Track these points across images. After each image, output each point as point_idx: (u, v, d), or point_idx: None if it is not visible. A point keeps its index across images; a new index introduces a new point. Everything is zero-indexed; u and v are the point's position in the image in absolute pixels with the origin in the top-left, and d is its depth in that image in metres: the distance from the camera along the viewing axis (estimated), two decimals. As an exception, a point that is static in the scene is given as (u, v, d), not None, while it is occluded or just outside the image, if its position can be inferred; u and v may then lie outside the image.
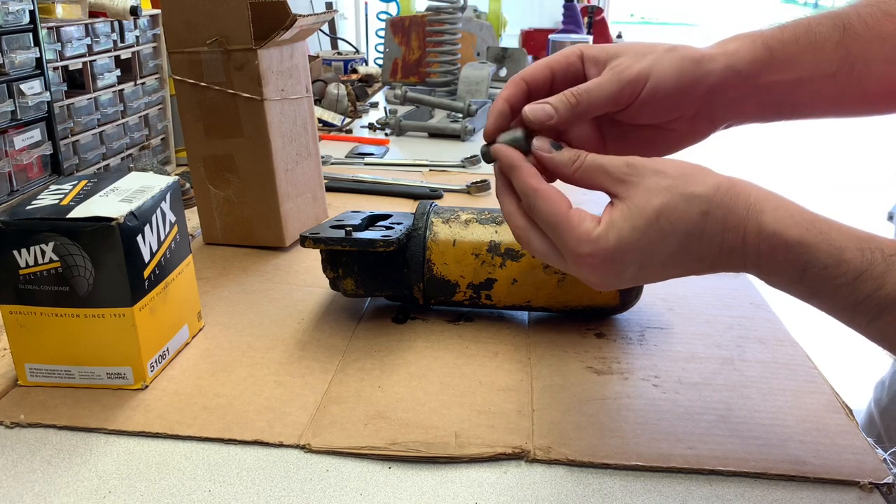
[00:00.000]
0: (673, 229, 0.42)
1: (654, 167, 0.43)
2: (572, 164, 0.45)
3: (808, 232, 0.40)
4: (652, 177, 0.42)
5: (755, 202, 0.41)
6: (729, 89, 0.48)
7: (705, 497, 0.46)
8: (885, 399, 0.81)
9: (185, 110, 0.79)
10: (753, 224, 0.41)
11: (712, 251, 0.42)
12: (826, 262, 0.40)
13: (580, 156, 0.45)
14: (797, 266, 0.40)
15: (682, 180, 0.42)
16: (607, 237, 0.42)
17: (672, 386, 0.57)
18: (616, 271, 0.44)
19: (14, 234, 0.51)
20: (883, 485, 0.47)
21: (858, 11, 0.49)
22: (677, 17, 15.42)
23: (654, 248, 0.42)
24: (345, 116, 1.52)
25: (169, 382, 0.57)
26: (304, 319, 0.67)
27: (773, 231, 0.41)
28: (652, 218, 0.42)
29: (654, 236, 0.42)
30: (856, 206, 4.04)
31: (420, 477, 0.48)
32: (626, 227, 0.42)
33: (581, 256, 0.43)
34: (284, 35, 0.76)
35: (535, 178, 0.46)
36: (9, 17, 0.89)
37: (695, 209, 0.41)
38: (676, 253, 0.42)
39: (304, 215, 0.86)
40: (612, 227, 0.42)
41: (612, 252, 0.42)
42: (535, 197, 0.45)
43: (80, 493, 0.46)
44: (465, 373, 0.59)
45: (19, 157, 0.92)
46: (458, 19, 1.69)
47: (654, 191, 0.42)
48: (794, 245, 0.40)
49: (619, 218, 0.43)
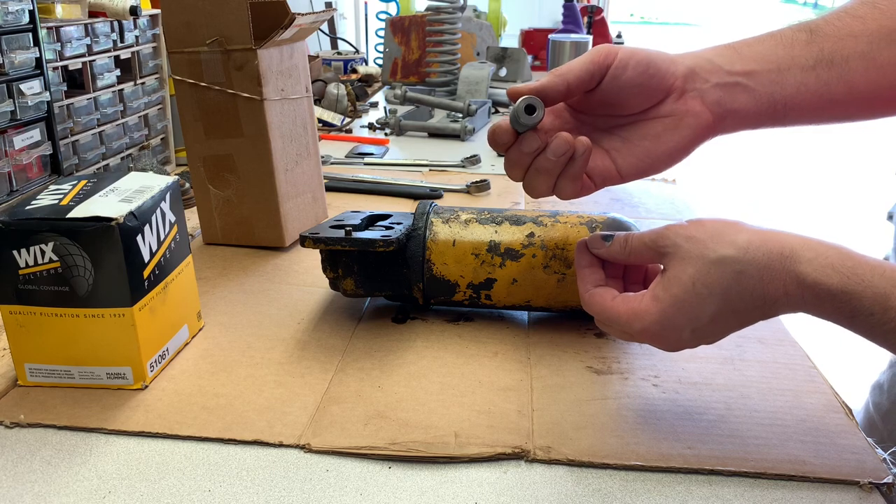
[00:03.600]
0: (709, 293, 0.44)
1: (686, 233, 0.46)
2: (624, 250, 0.51)
3: (849, 280, 0.41)
4: (684, 245, 0.46)
5: (790, 253, 0.43)
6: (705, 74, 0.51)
7: (705, 497, 0.46)
8: (885, 403, 0.80)
9: (184, 110, 0.79)
10: (792, 276, 0.42)
11: (757, 302, 0.44)
12: (872, 309, 0.40)
13: (628, 242, 0.51)
14: (844, 313, 0.42)
15: (711, 243, 0.45)
16: (652, 311, 0.46)
17: (672, 386, 0.57)
18: (673, 338, 0.47)
19: (14, 234, 0.51)
20: (883, 485, 0.47)
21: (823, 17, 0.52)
22: (677, 17, 15.42)
23: (697, 312, 0.45)
24: (345, 116, 1.52)
25: (169, 382, 0.57)
26: (303, 319, 0.68)
27: (815, 281, 0.42)
28: (688, 286, 0.45)
29: (693, 301, 0.45)
30: (856, 206, 4.04)
31: (420, 477, 0.48)
32: (667, 297, 0.46)
33: (636, 333, 0.48)
34: (284, 34, 0.76)
35: (587, 283, 0.52)
36: (8, 17, 0.89)
37: (728, 271, 0.44)
38: (720, 312, 0.45)
39: (304, 215, 0.86)
40: (654, 300, 0.46)
41: (661, 323, 0.46)
42: (585, 304, 0.52)
43: (80, 493, 0.46)
44: (464, 373, 0.59)
45: (19, 157, 0.92)
46: (457, 19, 1.69)
47: (686, 260, 0.45)
48: (838, 294, 0.41)
49: (660, 291, 0.46)
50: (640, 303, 0.47)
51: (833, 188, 4.40)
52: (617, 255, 0.51)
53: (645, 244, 0.49)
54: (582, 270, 0.53)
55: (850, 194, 4.26)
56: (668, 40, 11.69)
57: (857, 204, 4.07)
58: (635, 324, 0.47)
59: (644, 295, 0.48)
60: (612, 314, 0.49)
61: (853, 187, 4.40)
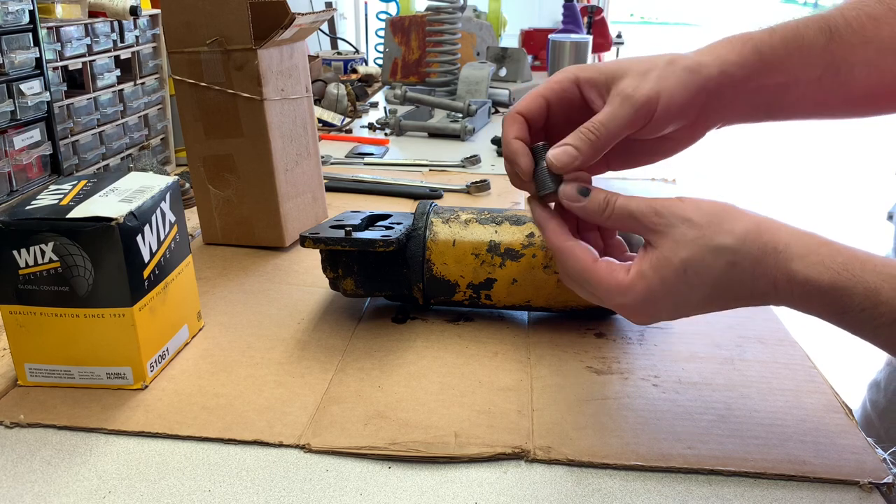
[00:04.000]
0: (700, 281, 0.43)
1: (683, 214, 0.44)
2: (602, 213, 0.47)
3: (839, 276, 0.41)
4: (680, 226, 0.44)
5: (783, 248, 0.42)
6: (723, 93, 0.48)
7: (705, 497, 0.46)
8: (882, 401, 0.81)
9: (184, 110, 0.79)
10: (783, 272, 0.42)
11: (744, 293, 0.44)
12: (863, 304, 0.40)
13: (609, 203, 0.47)
14: (835, 309, 0.41)
15: (709, 229, 0.43)
16: (637, 288, 0.45)
17: (672, 386, 0.57)
18: (650, 314, 0.46)
19: (14, 234, 0.51)
20: (883, 484, 0.47)
21: (844, 14, 0.50)
22: (677, 17, 15.42)
23: (684, 297, 0.44)
24: (344, 116, 1.52)
25: (169, 382, 0.57)
26: (303, 319, 0.68)
27: (805, 278, 0.41)
28: (680, 270, 0.43)
29: (682, 287, 0.44)
30: (856, 206, 4.04)
31: (420, 477, 0.48)
32: (655, 278, 0.44)
33: (614, 305, 0.47)
34: (283, 34, 0.76)
35: (560, 235, 0.48)
36: (9, 17, 0.89)
37: (721, 260, 0.43)
38: (707, 298, 0.44)
39: (304, 215, 0.86)
40: (641, 277, 0.45)
41: (643, 301, 0.45)
42: (560, 255, 0.48)
43: (80, 493, 0.46)
44: (464, 373, 0.59)
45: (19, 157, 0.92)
46: (457, 19, 1.70)
47: (681, 243, 0.44)
48: (828, 290, 0.41)
49: (647, 269, 0.44)
50: (625, 276, 0.45)
51: (833, 188, 4.40)
52: (592, 215, 0.47)
53: (631, 214, 0.46)
54: (550, 224, 0.49)
55: (850, 194, 4.26)
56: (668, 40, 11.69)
57: (857, 204, 4.07)
58: (616, 297, 0.46)
59: (629, 268, 0.46)
60: (591, 278, 0.46)
61: (853, 187, 4.40)
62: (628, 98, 0.46)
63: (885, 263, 0.41)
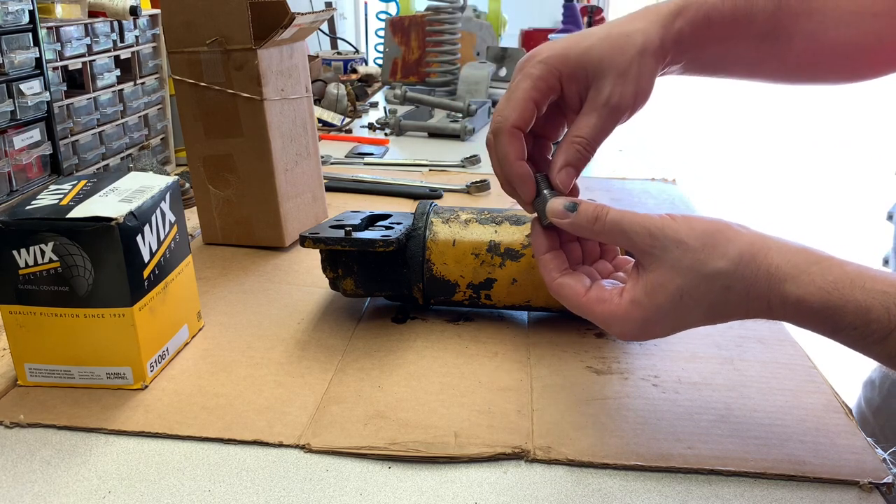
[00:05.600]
0: (696, 305, 0.44)
1: (676, 237, 0.44)
2: (592, 227, 0.46)
3: (830, 296, 0.41)
4: (674, 251, 0.44)
5: (776, 271, 0.42)
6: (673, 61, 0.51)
7: (705, 497, 0.46)
8: (877, 399, 0.81)
9: (184, 110, 0.79)
10: (776, 294, 0.42)
11: (740, 312, 0.44)
12: (855, 323, 0.41)
13: (599, 217, 0.46)
14: (827, 327, 0.42)
15: (703, 253, 0.43)
16: (633, 316, 0.45)
17: (672, 386, 0.57)
18: (648, 335, 0.47)
19: (14, 234, 0.51)
20: (882, 484, 0.47)
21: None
22: (677, 17, 15.37)
23: (680, 321, 0.45)
24: (344, 116, 1.52)
25: (169, 382, 0.57)
26: (303, 319, 0.67)
27: (797, 298, 0.42)
28: (675, 296, 0.44)
29: (678, 312, 0.45)
30: (856, 206, 4.04)
31: (420, 477, 0.48)
32: (651, 305, 0.44)
33: (612, 332, 0.47)
34: (283, 34, 0.76)
35: (551, 272, 0.49)
36: (8, 17, 0.89)
37: (716, 285, 0.43)
38: (703, 318, 0.45)
39: (304, 215, 0.86)
40: (637, 305, 0.45)
41: (640, 328, 0.45)
42: (554, 290, 0.49)
43: (80, 493, 0.46)
44: (464, 373, 0.59)
45: (19, 157, 0.92)
46: (457, 19, 1.70)
47: (676, 269, 0.44)
48: (820, 310, 0.41)
49: (642, 295, 0.45)
50: (618, 305, 0.45)
51: (833, 188, 4.40)
52: (581, 230, 0.47)
53: (623, 231, 0.45)
54: (542, 258, 0.49)
55: (850, 194, 4.26)
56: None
57: (857, 204, 4.07)
58: (614, 326, 0.46)
59: (621, 294, 0.46)
60: (585, 311, 0.47)
61: (853, 187, 4.40)
62: (615, 109, 0.48)
63: (875, 279, 0.41)
